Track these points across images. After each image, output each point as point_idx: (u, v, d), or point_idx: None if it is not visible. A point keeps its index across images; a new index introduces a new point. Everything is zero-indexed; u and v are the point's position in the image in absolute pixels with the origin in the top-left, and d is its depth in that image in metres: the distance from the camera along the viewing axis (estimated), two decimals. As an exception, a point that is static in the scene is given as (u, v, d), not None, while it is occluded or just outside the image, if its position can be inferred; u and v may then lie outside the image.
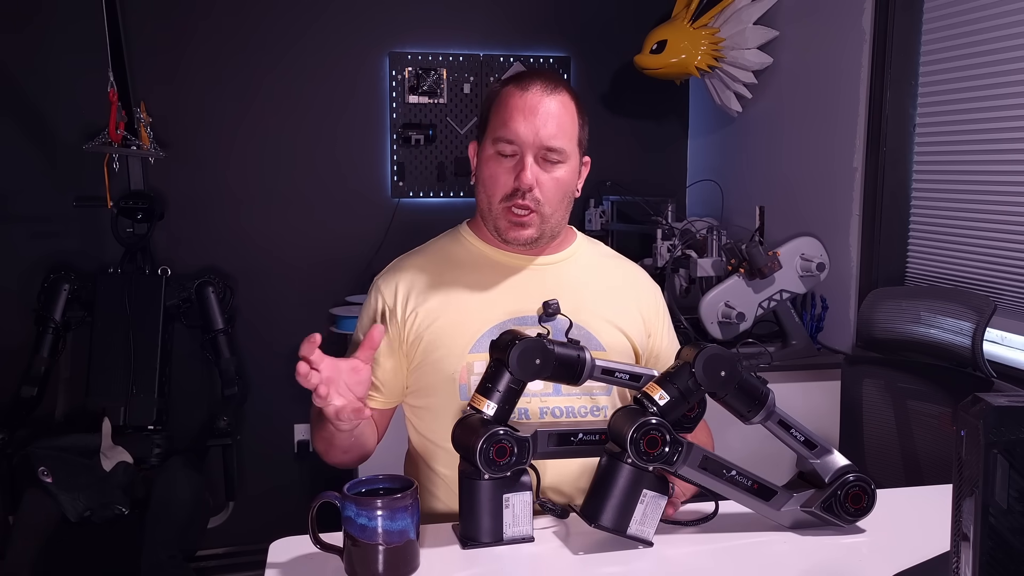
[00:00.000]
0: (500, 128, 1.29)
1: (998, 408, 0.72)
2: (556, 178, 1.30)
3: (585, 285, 1.39)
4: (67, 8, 2.79)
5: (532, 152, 1.28)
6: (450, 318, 1.32)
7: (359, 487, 1.06)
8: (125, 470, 2.41)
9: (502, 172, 1.30)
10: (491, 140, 1.31)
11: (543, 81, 1.31)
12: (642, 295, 1.44)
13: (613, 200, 3.21)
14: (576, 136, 1.33)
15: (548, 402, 1.30)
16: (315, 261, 3.08)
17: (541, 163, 1.29)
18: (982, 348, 1.77)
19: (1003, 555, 0.72)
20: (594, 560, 1.09)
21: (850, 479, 1.15)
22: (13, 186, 2.83)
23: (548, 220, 1.32)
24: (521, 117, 1.28)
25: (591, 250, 1.46)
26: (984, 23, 2.05)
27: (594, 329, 1.34)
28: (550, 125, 1.28)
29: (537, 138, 1.28)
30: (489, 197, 1.32)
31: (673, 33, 2.86)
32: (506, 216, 1.31)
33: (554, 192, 1.31)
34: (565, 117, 1.30)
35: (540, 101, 1.28)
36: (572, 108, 1.32)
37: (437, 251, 1.42)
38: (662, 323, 1.46)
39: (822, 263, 2.39)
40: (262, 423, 3.03)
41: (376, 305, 1.38)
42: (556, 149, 1.29)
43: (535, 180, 1.28)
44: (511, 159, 1.30)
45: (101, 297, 2.70)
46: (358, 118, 3.10)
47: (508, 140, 1.29)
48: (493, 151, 1.31)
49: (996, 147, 2.04)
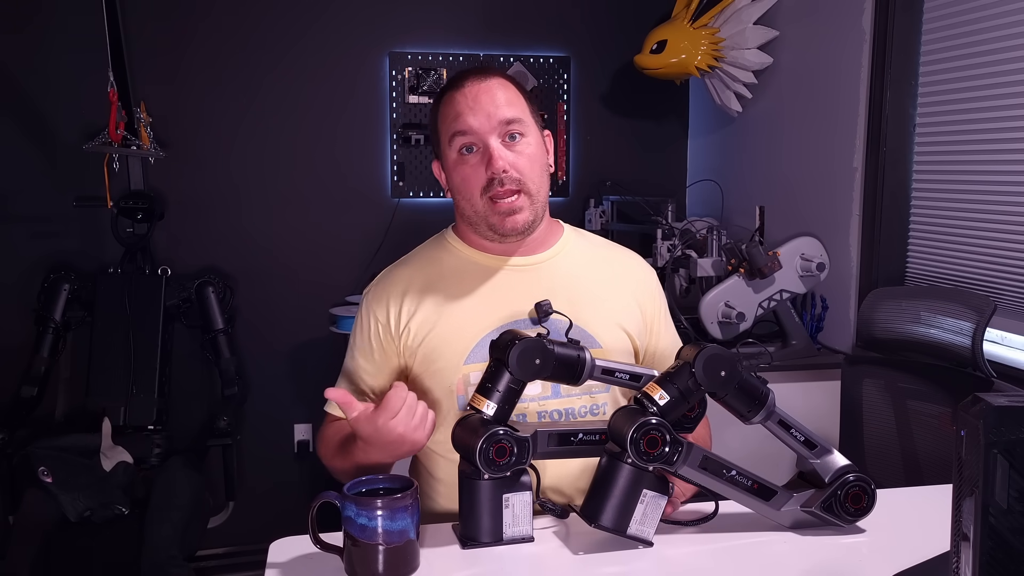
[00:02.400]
0: (453, 128, 1.27)
1: (998, 408, 0.72)
2: (527, 153, 1.28)
3: (578, 280, 1.35)
4: (67, 8, 2.79)
5: (492, 134, 1.26)
6: (443, 329, 1.30)
7: (359, 487, 1.06)
8: (125, 470, 2.41)
9: (471, 169, 1.27)
10: (448, 144, 1.29)
11: (474, 73, 1.31)
12: (638, 284, 1.41)
13: (613, 200, 3.21)
14: (527, 108, 1.31)
15: (546, 405, 1.29)
16: (315, 261, 3.08)
17: (506, 144, 1.27)
18: (982, 348, 1.77)
19: (1003, 555, 0.72)
20: (594, 560, 1.09)
21: (850, 479, 1.15)
22: (13, 186, 2.83)
23: (536, 198, 1.29)
24: (467, 109, 1.27)
25: (581, 242, 1.42)
26: (984, 23, 2.05)
27: (590, 326, 1.32)
28: (497, 102, 1.27)
29: (491, 119, 1.26)
30: (469, 199, 1.29)
31: (673, 33, 2.86)
32: (492, 210, 1.27)
33: (530, 166, 1.28)
34: (508, 92, 1.29)
35: (478, 87, 1.28)
36: (510, 84, 1.31)
37: (425, 260, 1.38)
38: (659, 310, 1.42)
39: (822, 263, 2.39)
40: (262, 423, 3.03)
41: (368, 323, 1.35)
42: (513, 119, 1.27)
43: (507, 161, 1.26)
44: (475, 154, 1.28)
45: (101, 297, 2.70)
46: (358, 118, 3.10)
47: (463, 133, 1.26)
48: (455, 155, 1.29)
49: (996, 147, 2.04)
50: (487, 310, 1.30)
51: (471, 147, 1.27)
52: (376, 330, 1.34)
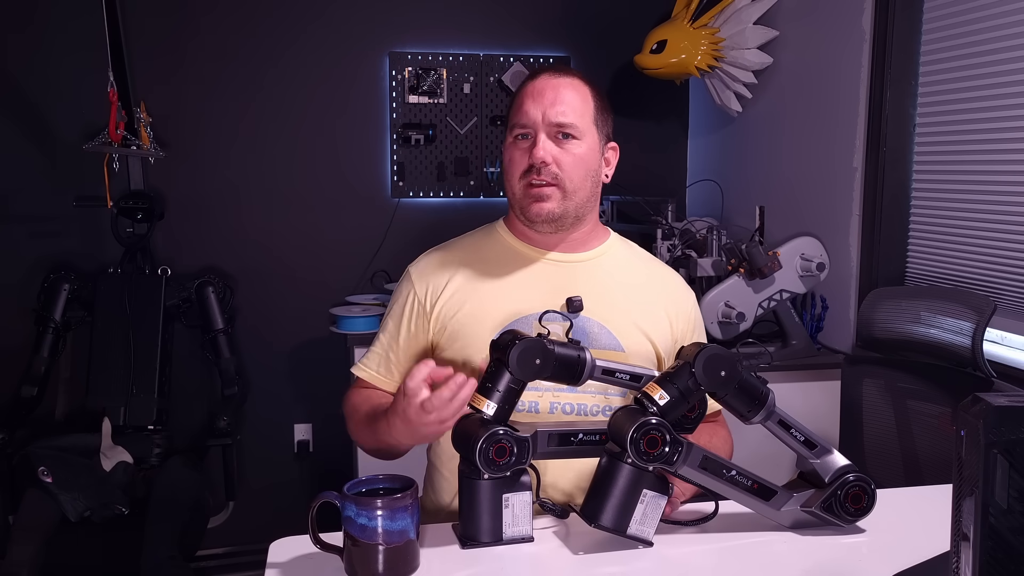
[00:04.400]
0: (514, 116, 1.35)
1: (998, 408, 0.72)
2: (573, 153, 1.33)
3: (613, 284, 1.39)
4: (67, 8, 2.79)
5: (543, 130, 1.32)
6: (474, 308, 1.34)
7: (359, 487, 1.06)
8: (125, 470, 2.41)
9: (518, 154, 1.34)
10: (510, 130, 1.37)
11: (553, 69, 1.38)
12: (673, 300, 1.43)
13: (613, 200, 3.21)
14: (591, 116, 1.36)
15: (560, 397, 1.31)
16: (315, 261, 3.08)
17: (556, 140, 1.33)
18: (982, 348, 1.77)
19: (1003, 555, 0.72)
20: (594, 560, 1.09)
21: (850, 479, 1.15)
22: (13, 186, 2.83)
23: (571, 196, 1.34)
24: (531, 100, 1.33)
25: (624, 251, 1.47)
26: (984, 23, 2.05)
27: (616, 330, 1.34)
28: (557, 103, 1.33)
29: (545, 116, 1.32)
30: (510, 180, 1.36)
31: (673, 33, 2.86)
32: (526, 193, 1.34)
33: (573, 167, 1.33)
34: (574, 96, 1.34)
35: (547, 83, 1.34)
36: (584, 90, 1.36)
37: (469, 245, 1.44)
38: (693, 333, 1.45)
39: (822, 263, 2.39)
40: (262, 423, 3.03)
41: (406, 294, 1.40)
42: (566, 124, 1.32)
43: (549, 155, 1.31)
44: (526, 141, 1.34)
45: (101, 297, 2.70)
46: (358, 118, 3.10)
47: (521, 124, 1.34)
48: (511, 138, 1.36)
49: (996, 147, 2.04)
50: (519, 296, 1.34)
51: (525, 135, 1.34)
52: (412, 303, 1.39)
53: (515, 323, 1.30)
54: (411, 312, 1.39)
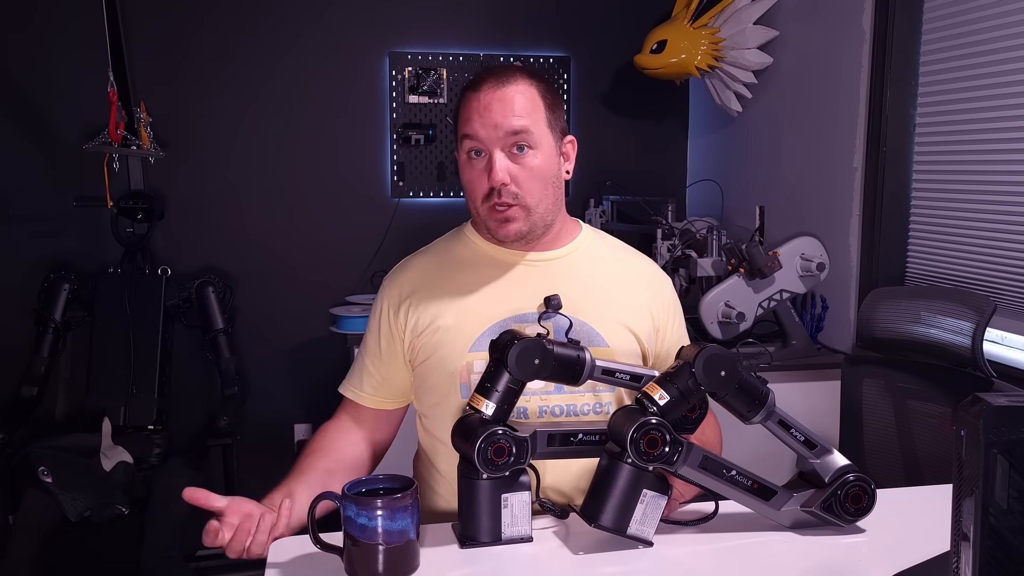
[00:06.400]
0: (464, 130, 1.29)
1: (998, 408, 0.72)
2: (531, 167, 1.28)
3: (590, 279, 1.36)
4: (67, 8, 2.79)
5: (497, 146, 1.27)
6: (451, 317, 1.32)
7: (359, 487, 1.06)
8: (125, 470, 2.41)
9: (475, 174, 1.29)
10: (460, 143, 1.31)
11: (494, 76, 1.29)
12: (652, 290, 1.41)
13: (613, 200, 3.21)
14: (543, 119, 1.29)
15: (549, 400, 1.30)
16: (315, 261, 3.08)
17: (511, 155, 1.27)
18: (982, 348, 1.77)
19: (1003, 555, 0.72)
20: (594, 560, 1.09)
21: (850, 479, 1.15)
22: (13, 186, 2.83)
23: (534, 211, 1.30)
24: (477, 116, 1.27)
25: (597, 243, 1.44)
26: (984, 23, 2.05)
27: (598, 326, 1.32)
28: (507, 114, 1.26)
29: (497, 130, 1.26)
30: (472, 201, 1.32)
31: (673, 33, 2.86)
32: (491, 215, 1.30)
33: (531, 182, 1.28)
34: (522, 102, 1.27)
35: (492, 95, 1.27)
36: (531, 91, 1.29)
37: (441, 251, 1.42)
38: (673, 319, 1.42)
39: (822, 263, 2.39)
40: (262, 423, 3.03)
41: (381, 306, 1.38)
42: (519, 131, 1.26)
43: (507, 175, 1.27)
44: (481, 159, 1.28)
45: (101, 297, 2.70)
46: (358, 118, 3.10)
47: (471, 138, 1.28)
48: (464, 155, 1.30)
49: (996, 147, 2.04)
50: (496, 301, 1.32)
51: (479, 151, 1.28)
52: (388, 315, 1.37)
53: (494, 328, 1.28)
54: (388, 326, 1.36)
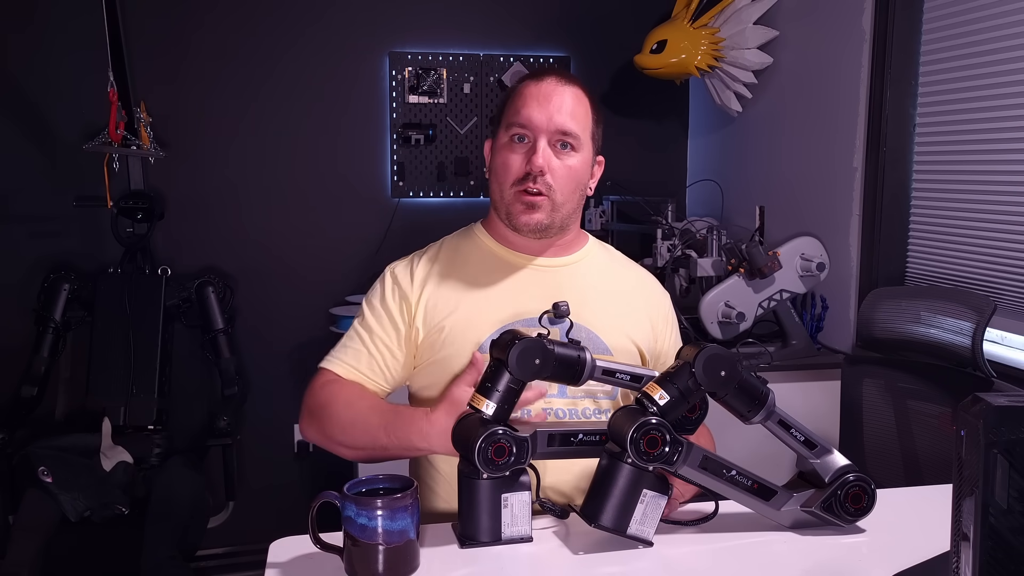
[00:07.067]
0: (514, 116, 1.32)
1: (998, 408, 0.72)
2: (568, 166, 1.32)
3: (594, 288, 1.39)
4: (67, 8, 2.78)
5: (545, 137, 1.31)
6: (459, 317, 1.33)
7: (359, 487, 1.06)
8: (125, 470, 2.41)
9: (515, 157, 1.32)
10: (505, 129, 1.34)
11: (558, 74, 1.35)
12: (652, 302, 1.45)
13: (613, 200, 3.21)
14: (589, 128, 1.35)
15: (552, 403, 1.31)
16: (315, 261, 3.08)
17: (555, 149, 1.31)
18: (982, 348, 1.77)
19: (1003, 555, 0.72)
20: (594, 560, 1.09)
21: (850, 479, 1.15)
22: (13, 186, 2.83)
23: (559, 208, 1.33)
24: (535, 103, 1.31)
25: (603, 254, 1.47)
26: (984, 23, 2.05)
27: (601, 332, 1.35)
28: (563, 111, 1.31)
29: (551, 123, 1.30)
30: (501, 184, 1.34)
31: (673, 33, 2.86)
32: (517, 200, 1.32)
33: (566, 180, 1.32)
34: (578, 107, 1.33)
35: (554, 89, 1.32)
36: (586, 101, 1.35)
37: (449, 249, 1.43)
38: (670, 331, 1.47)
39: (822, 263, 2.39)
40: (262, 423, 3.03)
41: (388, 288, 1.38)
42: (569, 133, 1.31)
43: (547, 164, 1.30)
44: (524, 144, 1.32)
45: (101, 297, 2.70)
46: (358, 118, 3.10)
47: (522, 125, 1.31)
48: (507, 139, 1.33)
49: (996, 147, 2.04)
50: (503, 303, 1.34)
51: (523, 137, 1.32)
52: (397, 295, 1.36)
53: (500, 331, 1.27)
54: (399, 315, 1.35)
